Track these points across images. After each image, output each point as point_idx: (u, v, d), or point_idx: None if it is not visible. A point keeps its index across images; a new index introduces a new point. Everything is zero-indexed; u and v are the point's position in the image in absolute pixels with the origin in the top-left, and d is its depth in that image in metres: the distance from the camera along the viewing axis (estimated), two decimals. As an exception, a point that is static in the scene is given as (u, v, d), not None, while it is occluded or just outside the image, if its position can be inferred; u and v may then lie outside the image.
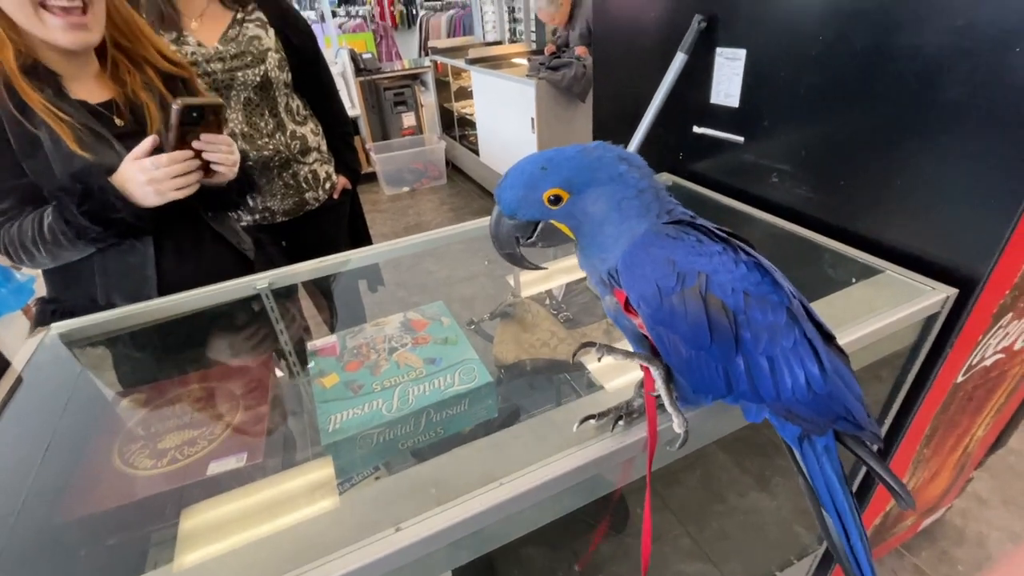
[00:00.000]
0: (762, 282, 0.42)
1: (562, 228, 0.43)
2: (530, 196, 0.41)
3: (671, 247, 0.41)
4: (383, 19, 7.55)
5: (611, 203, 0.43)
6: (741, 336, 0.40)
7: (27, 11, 0.72)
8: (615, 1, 1.20)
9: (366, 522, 0.44)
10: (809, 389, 0.42)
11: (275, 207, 1.42)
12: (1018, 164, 0.61)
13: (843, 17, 0.75)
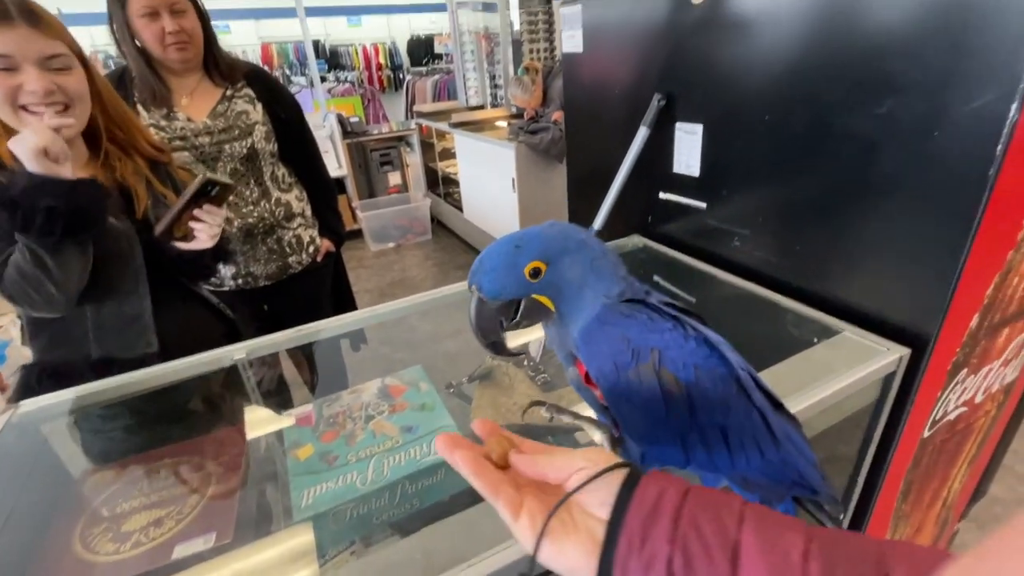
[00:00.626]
0: (711, 356, 0.44)
1: (543, 301, 0.44)
2: (511, 274, 0.43)
3: (625, 325, 0.44)
4: (371, 83, 7.91)
5: (585, 265, 0.45)
6: (694, 408, 0.42)
7: (8, 113, 0.77)
8: (583, 78, 1.30)
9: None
10: (762, 457, 0.43)
11: (258, 271, 1.44)
12: (947, 232, 0.66)
13: (782, 102, 0.82)
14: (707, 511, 0.30)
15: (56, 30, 0.79)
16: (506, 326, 0.45)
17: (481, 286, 0.43)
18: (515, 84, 2.99)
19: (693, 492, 0.32)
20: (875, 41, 0.69)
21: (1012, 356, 0.89)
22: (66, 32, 0.82)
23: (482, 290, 0.43)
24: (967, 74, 0.60)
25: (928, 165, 0.67)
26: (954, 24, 0.60)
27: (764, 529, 0.29)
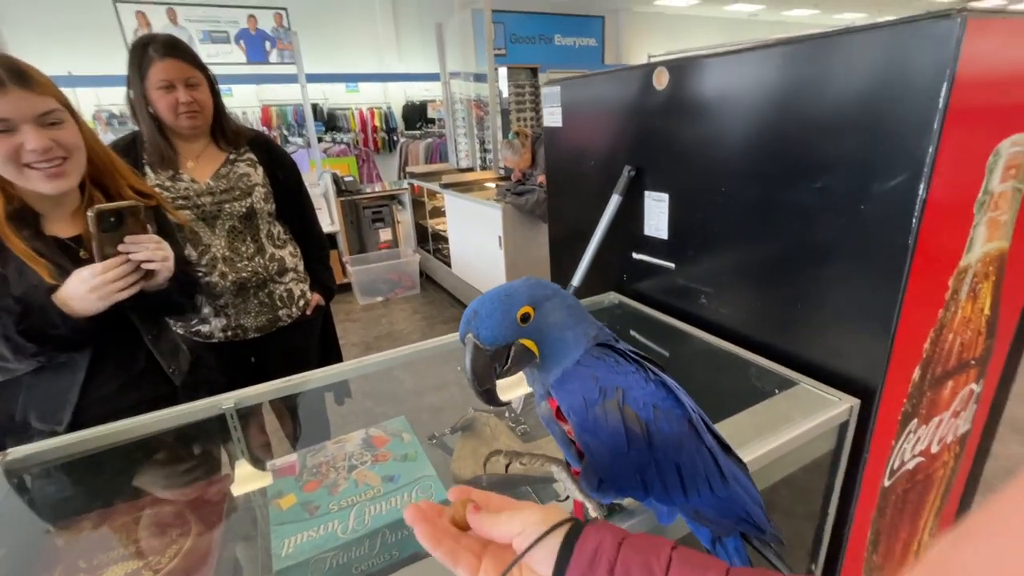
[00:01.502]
0: (667, 398, 0.49)
1: (529, 345, 0.48)
2: (505, 319, 0.47)
3: (595, 365, 0.49)
4: (366, 145, 8.26)
5: (564, 309, 0.50)
6: (652, 443, 0.47)
7: (12, 171, 0.81)
8: (563, 149, 1.42)
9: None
10: (712, 493, 0.48)
11: (248, 324, 1.48)
12: (881, 292, 0.74)
13: (736, 175, 0.92)
14: (638, 556, 0.35)
15: (45, 87, 0.83)
16: (499, 373, 0.48)
17: (479, 334, 0.46)
18: (506, 147, 3.19)
19: (627, 541, 0.36)
20: (809, 127, 0.79)
21: (960, 408, 0.95)
22: (54, 87, 0.86)
23: (479, 337, 0.46)
24: (883, 158, 0.70)
25: (859, 233, 0.76)
26: (871, 117, 0.71)
27: (687, 571, 0.34)
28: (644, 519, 0.59)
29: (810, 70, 0.77)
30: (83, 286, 0.82)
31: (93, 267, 0.83)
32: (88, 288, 0.82)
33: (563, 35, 10.91)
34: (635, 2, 10.71)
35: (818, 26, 9.81)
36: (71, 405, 0.88)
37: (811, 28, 4.41)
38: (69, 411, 0.88)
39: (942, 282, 0.77)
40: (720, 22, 12.29)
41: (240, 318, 1.46)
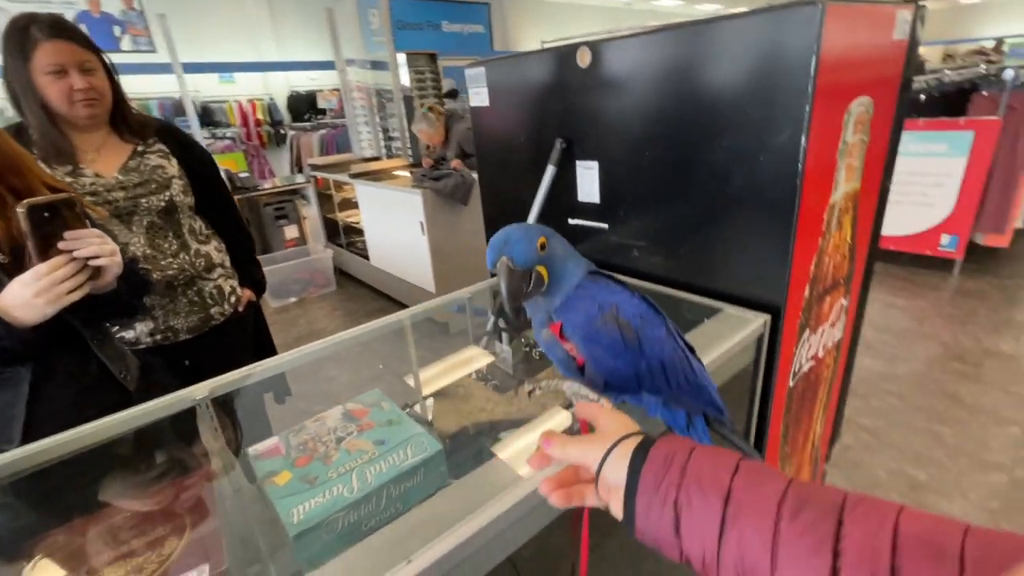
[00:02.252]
0: (649, 310, 0.61)
1: (542, 272, 0.57)
2: (531, 246, 0.55)
3: (592, 288, 0.60)
4: (249, 139, 7.65)
5: (563, 245, 0.61)
6: (642, 345, 0.59)
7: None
8: (491, 127, 1.50)
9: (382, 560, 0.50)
10: (687, 382, 0.61)
11: (179, 325, 1.39)
12: (779, 227, 0.93)
13: (656, 141, 1.07)
14: (708, 461, 0.39)
15: None
16: (525, 293, 0.56)
17: (512, 257, 0.54)
18: (422, 119, 3.19)
19: (698, 449, 0.41)
20: (715, 96, 0.95)
21: (835, 319, 1.20)
22: None
23: (513, 260, 0.54)
24: (773, 118, 0.88)
25: (759, 181, 0.93)
26: (761, 85, 0.88)
27: (752, 479, 0.37)
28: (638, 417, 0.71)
29: (712, 48, 0.93)
30: (27, 291, 0.75)
31: (36, 269, 0.76)
32: (33, 293, 0.75)
33: (450, 21, 10.85)
34: (518, -11, 10.93)
35: (682, 15, 10.72)
36: (19, 420, 0.81)
37: (678, 17, 4.97)
38: (18, 427, 0.81)
39: (819, 216, 0.98)
40: (599, 10, 12.98)
41: (169, 319, 1.37)
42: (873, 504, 0.33)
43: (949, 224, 3.38)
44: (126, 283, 0.91)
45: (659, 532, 0.39)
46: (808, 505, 0.34)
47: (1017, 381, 2.33)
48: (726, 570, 0.36)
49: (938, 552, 0.29)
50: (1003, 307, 3.02)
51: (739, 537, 0.35)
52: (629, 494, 0.41)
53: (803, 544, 0.33)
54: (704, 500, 0.37)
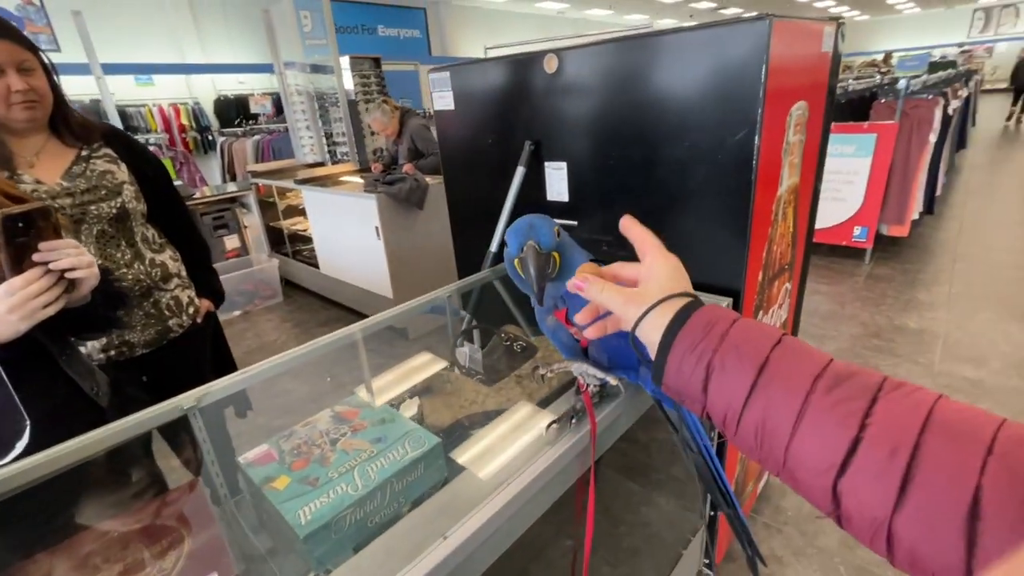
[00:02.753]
0: None
1: (556, 258, 0.62)
2: (551, 232, 0.61)
3: None
4: (173, 145, 7.19)
5: (566, 233, 0.65)
6: None
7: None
8: (457, 130, 1.53)
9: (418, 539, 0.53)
10: None
11: (135, 339, 1.31)
12: (737, 219, 1.03)
13: (623, 141, 1.15)
14: (751, 332, 0.39)
15: None
16: (547, 275, 0.61)
17: (539, 240, 0.60)
18: (376, 108, 3.16)
19: (740, 322, 0.41)
20: (678, 99, 1.04)
21: (782, 301, 1.33)
22: None
23: (539, 244, 0.60)
24: (730, 119, 0.98)
25: (718, 177, 1.03)
26: (719, 90, 0.98)
27: (792, 353, 0.37)
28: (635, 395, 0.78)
29: (673, 56, 1.02)
30: (1, 306, 0.71)
31: (10, 283, 0.72)
32: (7, 308, 0.71)
33: (386, 26, 10.72)
34: (454, -5, 10.98)
35: (613, 24, 11.20)
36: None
37: (608, 26, 5.22)
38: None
39: (769, 208, 1.09)
40: (534, 17, 13.28)
41: (124, 334, 1.29)
42: (913, 389, 0.33)
43: (860, 217, 3.77)
44: (101, 295, 0.86)
45: (687, 388, 0.41)
46: (845, 383, 0.34)
47: (923, 352, 2.64)
48: (745, 429, 0.37)
49: (966, 436, 0.29)
50: (907, 289, 3.41)
51: (767, 402, 0.36)
52: (662, 350, 0.43)
53: (831, 415, 0.33)
54: (739, 364, 0.38)
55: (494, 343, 1.24)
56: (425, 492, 0.88)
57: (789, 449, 0.35)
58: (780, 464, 0.36)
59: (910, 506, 0.29)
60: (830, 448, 0.33)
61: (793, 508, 1.74)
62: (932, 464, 0.29)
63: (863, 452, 0.32)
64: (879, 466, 0.31)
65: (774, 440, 0.36)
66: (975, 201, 5.28)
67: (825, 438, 0.33)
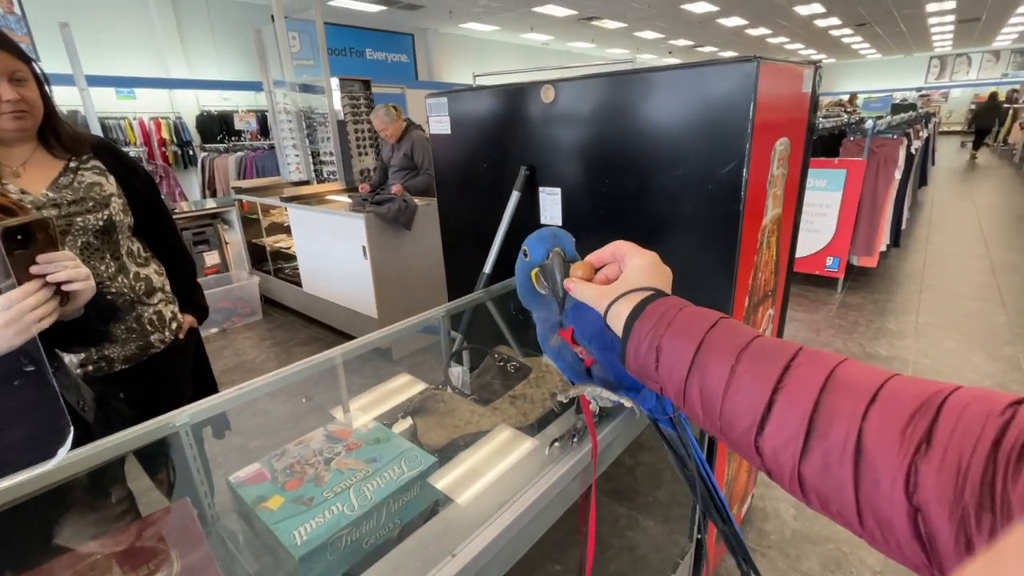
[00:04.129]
0: None
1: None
2: (572, 243, 0.65)
3: None
4: (152, 159, 7.09)
5: None
6: None
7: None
8: (453, 154, 1.56)
9: (427, 556, 0.53)
10: None
11: (115, 354, 1.28)
12: (725, 246, 1.07)
13: (616, 170, 1.20)
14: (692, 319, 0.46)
15: None
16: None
17: (564, 248, 0.64)
18: (382, 110, 3.18)
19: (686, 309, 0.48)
20: (671, 132, 1.09)
21: (765, 327, 1.38)
22: None
23: (565, 252, 0.63)
24: (720, 152, 1.03)
25: (708, 205, 1.08)
26: (710, 124, 1.03)
27: (726, 332, 0.44)
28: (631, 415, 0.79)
29: (666, 92, 1.07)
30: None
31: (8, 296, 0.70)
32: (3, 322, 0.69)
33: (374, 49, 10.88)
34: (442, 24, 11.25)
35: (595, 57, 11.49)
36: None
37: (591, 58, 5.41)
38: None
39: (755, 237, 1.14)
40: (518, 48, 13.65)
41: (104, 348, 1.26)
42: (821, 355, 0.39)
43: (832, 248, 3.92)
44: (95, 308, 0.84)
45: (644, 369, 0.48)
46: (765, 353, 0.40)
47: (894, 380, 2.74)
48: (690, 401, 0.44)
49: (856, 390, 0.34)
50: (877, 318, 3.54)
51: (703, 373, 0.42)
52: (624, 336, 0.50)
53: (751, 381, 0.39)
54: (681, 345, 0.45)
55: (487, 363, 1.25)
56: (421, 512, 0.87)
57: (722, 414, 0.41)
58: (718, 429, 0.42)
59: (812, 453, 0.34)
60: (750, 409, 0.38)
61: (776, 532, 1.76)
62: (827, 415, 0.34)
63: (775, 411, 0.37)
64: (787, 421, 0.36)
65: (710, 407, 0.42)
66: (937, 235, 5.55)
67: (747, 395, 0.39)
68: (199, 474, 0.86)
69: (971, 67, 19.44)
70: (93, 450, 0.76)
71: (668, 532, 1.61)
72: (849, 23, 12.54)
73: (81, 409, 0.88)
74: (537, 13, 9.97)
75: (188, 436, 0.84)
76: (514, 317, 1.40)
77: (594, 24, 11.06)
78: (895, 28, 13.37)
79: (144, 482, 1.18)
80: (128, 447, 0.77)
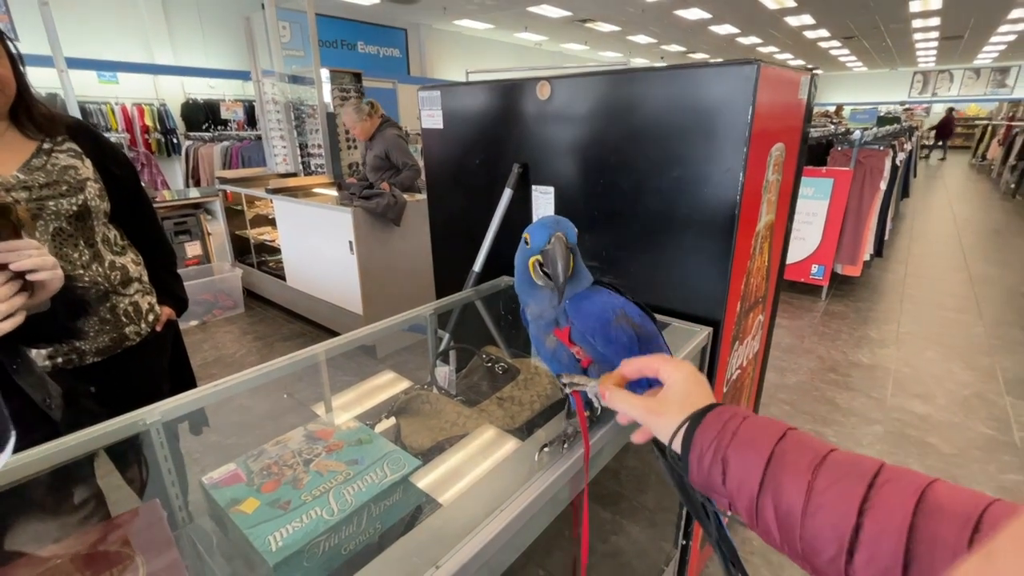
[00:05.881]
0: (641, 311, 0.68)
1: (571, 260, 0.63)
2: (575, 231, 0.63)
3: (602, 294, 0.66)
4: (134, 145, 6.92)
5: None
6: (642, 341, 0.65)
7: None
8: (444, 149, 1.53)
9: (410, 567, 0.50)
10: None
11: (86, 347, 1.23)
12: (719, 250, 1.06)
13: (612, 169, 1.18)
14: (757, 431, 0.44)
15: None
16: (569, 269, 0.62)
17: (567, 234, 0.62)
18: (352, 106, 3.08)
19: (749, 419, 0.46)
20: (668, 132, 1.08)
21: (756, 332, 1.37)
22: None
23: (567, 237, 0.62)
24: (717, 154, 1.01)
25: (704, 208, 1.06)
26: (709, 127, 1.02)
27: (798, 444, 0.41)
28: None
29: (665, 92, 1.06)
30: None
31: None
32: None
33: (366, 43, 10.76)
34: (436, 19, 11.17)
35: (588, 59, 11.53)
36: None
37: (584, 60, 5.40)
38: None
39: (749, 242, 1.13)
40: (512, 47, 13.61)
41: (74, 340, 1.20)
42: (906, 473, 0.36)
43: (817, 256, 3.96)
44: (63, 302, 0.79)
45: (710, 483, 0.45)
46: (844, 468, 0.38)
47: (876, 387, 2.77)
48: (765, 515, 0.41)
49: (957, 515, 0.32)
50: (860, 326, 3.59)
51: (777, 490, 0.40)
52: (684, 448, 0.47)
53: (832, 497, 0.37)
54: (750, 457, 0.42)
55: (475, 364, 1.22)
56: (403, 517, 0.84)
57: (802, 537, 0.38)
58: (799, 553, 0.39)
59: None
60: (836, 534, 0.36)
61: (759, 539, 1.76)
62: (927, 545, 0.32)
63: (864, 537, 0.34)
64: (880, 549, 0.33)
65: (788, 529, 0.39)
66: (918, 246, 5.66)
67: (830, 523, 0.36)
68: (170, 474, 0.81)
69: (953, 83, 19.91)
70: (57, 448, 0.72)
71: (653, 538, 1.60)
72: (837, 35, 12.74)
73: (47, 407, 0.83)
74: (531, 13, 9.95)
75: (160, 434, 0.80)
76: (503, 317, 1.37)
77: (588, 26, 11.07)
78: (882, 42, 13.62)
79: (116, 479, 1.13)
80: (95, 445, 0.72)
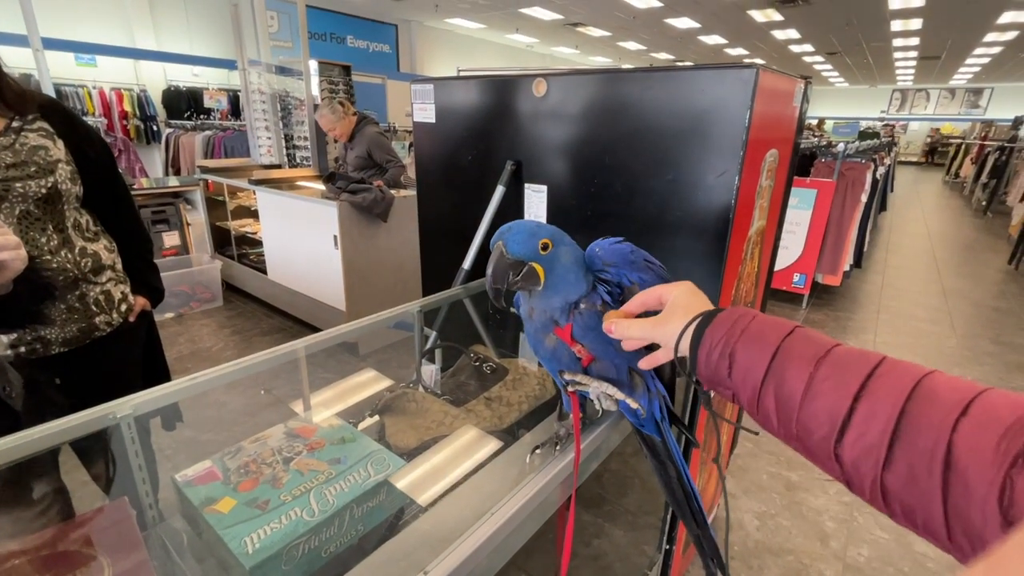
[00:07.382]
0: None
1: (538, 270, 0.60)
2: (530, 242, 0.59)
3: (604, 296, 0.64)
4: (112, 131, 6.73)
5: (574, 257, 0.64)
6: None
7: None
8: (436, 144, 1.50)
9: (395, 573, 0.47)
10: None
11: (52, 336, 1.17)
12: (713, 252, 1.05)
13: (605, 170, 1.17)
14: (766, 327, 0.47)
15: None
16: (511, 281, 0.60)
17: (507, 243, 0.58)
18: (327, 106, 3.01)
19: (758, 318, 0.48)
20: (663, 134, 1.07)
21: (743, 338, 1.37)
22: None
23: (506, 247, 0.58)
24: (713, 158, 1.01)
25: (698, 211, 1.06)
26: (706, 129, 1.01)
27: (804, 340, 0.43)
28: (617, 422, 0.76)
29: (662, 94, 1.05)
30: None
31: None
32: None
33: (356, 37, 10.64)
34: (427, 16, 11.10)
35: (578, 63, 11.63)
36: None
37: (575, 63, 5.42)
38: None
39: (741, 247, 1.13)
40: (503, 48, 13.61)
41: (40, 328, 1.15)
42: (906, 365, 0.38)
43: (799, 264, 4.03)
44: (26, 285, 0.75)
45: (716, 376, 0.48)
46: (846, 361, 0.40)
47: (853, 396, 2.82)
48: (766, 402, 0.43)
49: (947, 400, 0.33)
50: (839, 335, 3.65)
51: (779, 379, 0.42)
52: (693, 348, 0.50)
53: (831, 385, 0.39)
54: (756, 351, 0.44)
55: (462, 363, 1.20)
56: (386, 520, 0.82)
57: (798, 420, 0.40)
58: (794, 435, 0.42)
59: (897, 463, 0.34)
60: (829, 416, 0.38)
61: (739, 542, 1.77)
62: (914, 424, 0.34)
63: (856, 418, 0.36)
64: (870, 428, 0.36)
65: (786, 414, 0.41)
66: (894, 259, 5.80)
67: (825, 408, 0.39)
68: (141, 471, 0.77)
69: (929, 102, 20.53)
70: (18, 441, 0.67)
71: (634, 541, 1.60)
72: (821, 51, 13.03)
73: (7, 396, 0.78)
74: (523, 14, 9.95)
75: (131, 429, 0.76)
76: (492, 316, 1.35)
77: (579, 30, 11.12)
78: (863, 59, 13.98)
79: (82, 475, 1.08)
80: (60, 439, 0.68)
